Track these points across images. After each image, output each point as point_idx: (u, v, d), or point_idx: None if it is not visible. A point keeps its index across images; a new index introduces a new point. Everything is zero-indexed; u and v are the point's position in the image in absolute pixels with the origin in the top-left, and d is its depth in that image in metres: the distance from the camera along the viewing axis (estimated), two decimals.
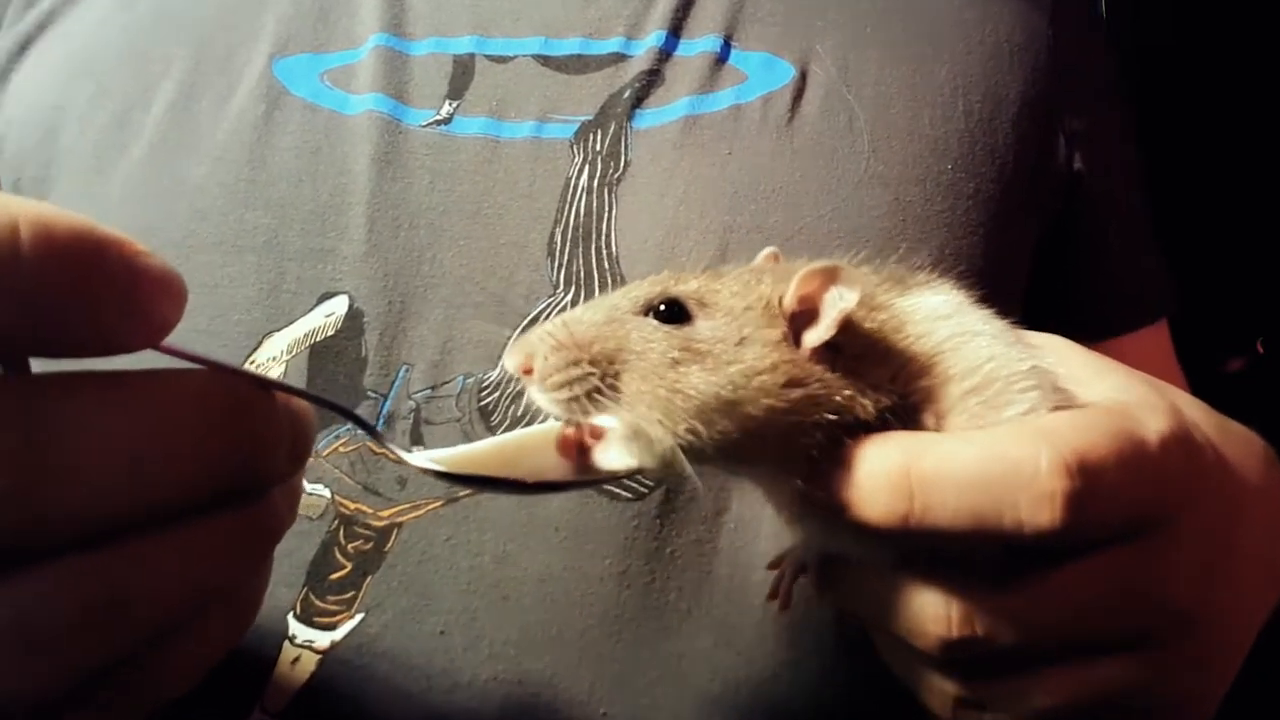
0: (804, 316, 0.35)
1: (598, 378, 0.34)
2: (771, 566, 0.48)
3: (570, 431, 0.36)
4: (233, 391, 0.26)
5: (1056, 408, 0.36)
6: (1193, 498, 0.34)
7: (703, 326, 0.35)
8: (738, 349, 0.34)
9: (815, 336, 0.34)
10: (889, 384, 0.35)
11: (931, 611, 0.34)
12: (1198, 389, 0.47)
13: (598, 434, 0.35)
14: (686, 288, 0.37)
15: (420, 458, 0.34)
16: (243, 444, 0.26)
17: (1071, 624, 0.34)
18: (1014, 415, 0.35)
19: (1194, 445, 0.35)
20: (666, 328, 0.35)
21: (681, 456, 0.33)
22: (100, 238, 0.22)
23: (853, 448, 0.34)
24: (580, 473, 0.36)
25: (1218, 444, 0.37)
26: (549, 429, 0.36)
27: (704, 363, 0.34)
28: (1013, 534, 0.31)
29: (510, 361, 0.36)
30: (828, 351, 0.35)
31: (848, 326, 0.35)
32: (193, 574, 0.26)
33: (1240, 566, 0.37)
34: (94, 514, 0.23)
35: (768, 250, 0.43)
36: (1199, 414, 0.39)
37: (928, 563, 0.34)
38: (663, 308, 0.36)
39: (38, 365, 0.24)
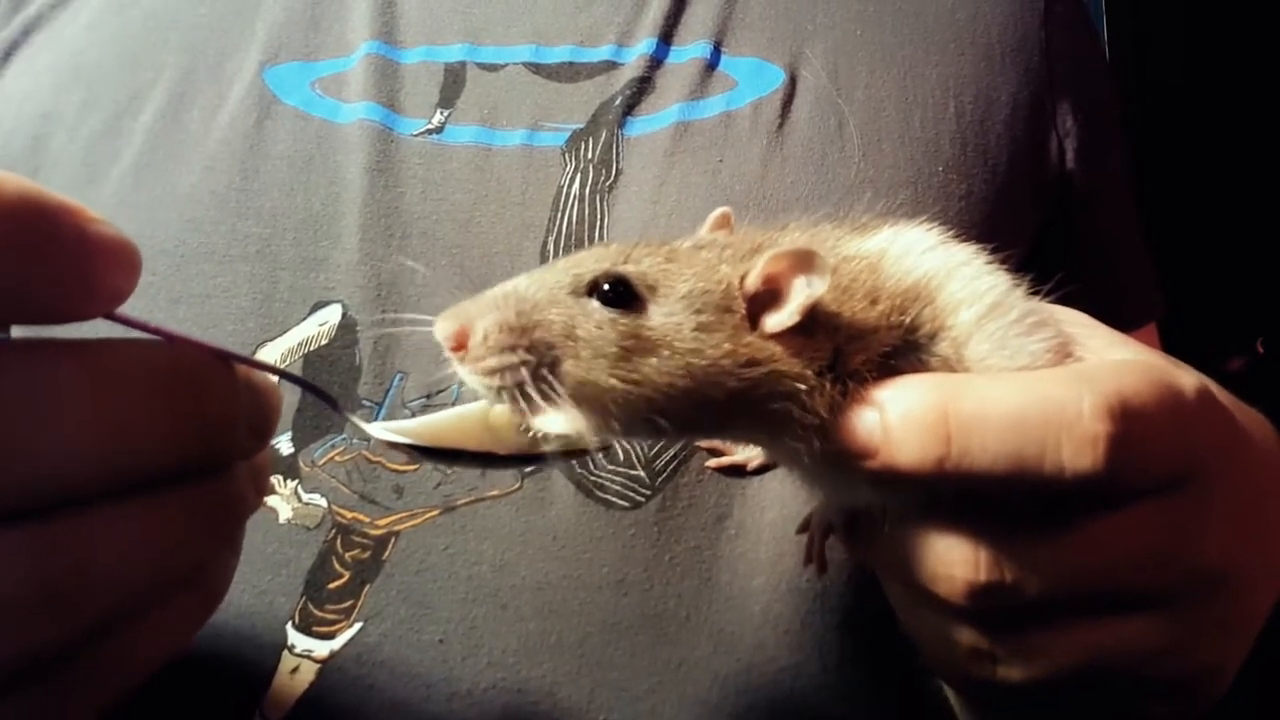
0: (766, 295, 0.34)
1: (531, 367, 0.32)
2: (800, 531, 0.47)
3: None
4: (190, 362, 0.26)
5: (1066, 353, 0.35)
6: (1226, 454, 0.34)
7: (655, 313, 0.33)
8: (695, 335, 0.33)
9: (778, 322, 0.33)
10: (886, 322, 0.34)
11: (959, 555, 0.32)
12: None
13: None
14: (636, 268, 0.34)
15: (381, 428, 0.33)
16: (200, 415, 0.26)
17: (1102, 577, 0.32)
18: (1042, 344, 0.34)
19: (1222, 406, 0.35)
20: (614, 314, 0.33)
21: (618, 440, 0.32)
22: (49, 203, 0.22)
23: (875, 391, 0.32)
24: (531, 446, 0.33)
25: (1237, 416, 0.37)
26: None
27: (658, 353, 0.32)
28: (1052, 478, 0.30)
29: (442, 329, 0.33)
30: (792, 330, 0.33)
31: (812, 309, 0.33)
32: (151, 549, 0.25)
33: (1268, 532, 0.36)
34: (45, 484, 0.23)
35: (720, 210, 0.41)
36: (1216, 388, 0.39)
37: (952, 514, 0.33)
38: (607, 288, 0.34)
39: None
